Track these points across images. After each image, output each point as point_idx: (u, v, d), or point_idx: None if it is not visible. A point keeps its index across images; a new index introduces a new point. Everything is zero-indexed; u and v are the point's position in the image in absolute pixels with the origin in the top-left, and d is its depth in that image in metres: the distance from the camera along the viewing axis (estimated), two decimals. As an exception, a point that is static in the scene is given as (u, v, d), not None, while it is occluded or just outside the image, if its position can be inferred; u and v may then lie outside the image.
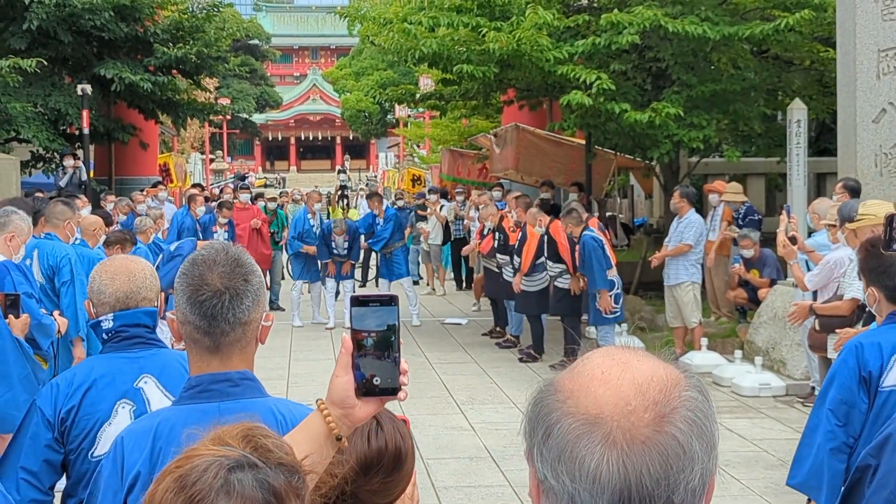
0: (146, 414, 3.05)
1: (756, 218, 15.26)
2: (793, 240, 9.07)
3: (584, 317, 14.41)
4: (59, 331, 7.71)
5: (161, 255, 13.77)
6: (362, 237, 18.27)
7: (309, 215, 18.25)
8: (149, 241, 13.47)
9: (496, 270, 15.81)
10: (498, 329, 16.27)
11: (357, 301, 2.11)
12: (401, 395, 2.15)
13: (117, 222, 15.00)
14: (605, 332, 13.41)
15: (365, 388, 2.12)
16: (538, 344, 14.44)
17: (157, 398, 3.75)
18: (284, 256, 20.84)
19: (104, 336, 3.89)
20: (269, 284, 19.30)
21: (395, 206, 19.39)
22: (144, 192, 18.78)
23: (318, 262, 17.74)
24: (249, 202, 19.71)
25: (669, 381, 1.51)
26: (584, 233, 13.16)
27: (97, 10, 21.13)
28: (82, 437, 3.74)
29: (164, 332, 7.04)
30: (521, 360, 14.28)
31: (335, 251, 17.47)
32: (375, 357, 2.11)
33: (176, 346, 4.02)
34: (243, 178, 42.24)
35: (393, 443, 2.49)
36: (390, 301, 2.12)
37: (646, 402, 1.47)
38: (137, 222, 13.81)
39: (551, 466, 1.49)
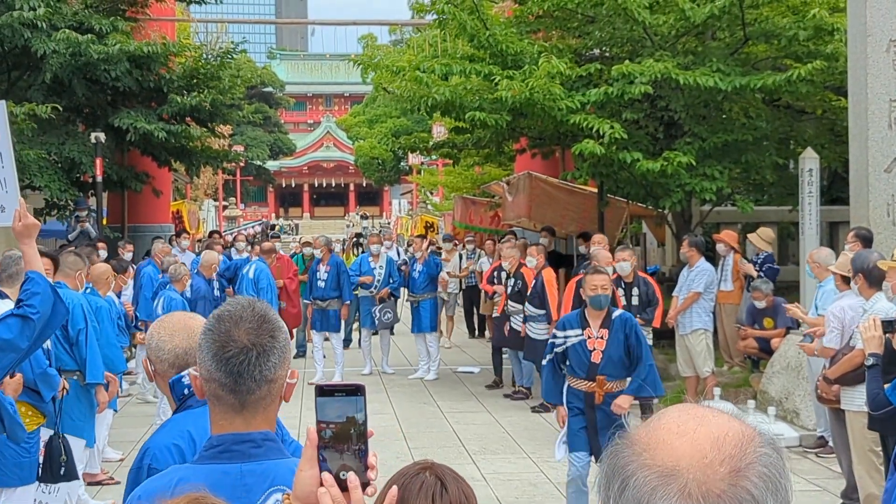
0: (163, 471, 2.99)
1: (774, 267, 15.19)
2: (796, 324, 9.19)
3: None
4: (63, 388, 7.66)
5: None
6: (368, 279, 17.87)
7: (371, 259, 17.90)
8: (184, 288, 13.52)
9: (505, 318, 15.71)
10: (498, 380, 16.10)
11: (321, 391, 2.03)
12: (368, 490, 2.04)
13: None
14: None
15: None
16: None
17: None
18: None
19: (184, 392, 3.78)
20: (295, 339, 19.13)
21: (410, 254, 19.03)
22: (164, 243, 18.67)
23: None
24: (279, 252, 19.45)
25: (745, 437, 1.52)
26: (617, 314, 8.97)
27: (113, 60, 21.24)
28: None
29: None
30: (533, 409, 14.19)
31: (318, 283, 16.97)
32: (336, 450, 2.02)
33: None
34: (272, 227, 42.17)
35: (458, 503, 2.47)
36: (356, 391, 2.03)
37: (721, 456, 1.48)
38: (172, 270, 13.79)
39: None
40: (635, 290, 12.89)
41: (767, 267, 14.93)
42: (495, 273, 16.57)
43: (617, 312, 8.81)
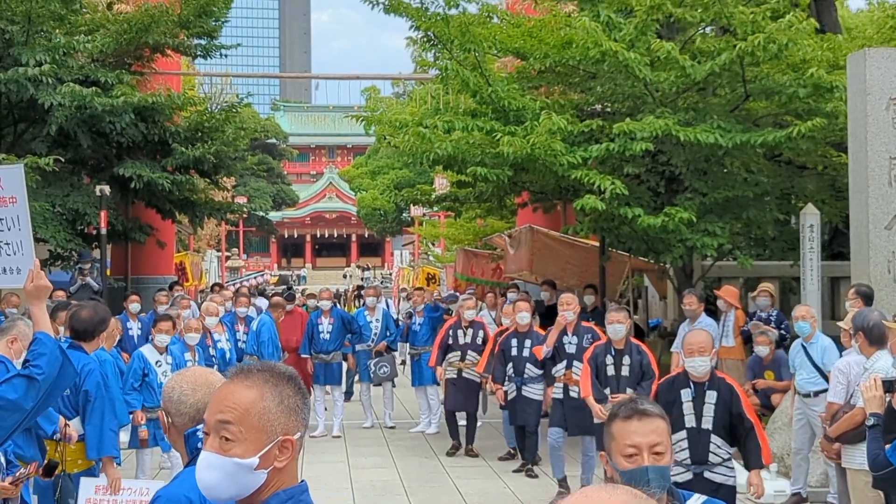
0: None
1: (785, 324, 15.00)
2: None
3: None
4: (64, 426, 7.64)
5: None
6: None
7: (367, 312, 18.00)
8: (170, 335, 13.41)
9: (471, 378, 15.34)
10: (457, 445, 15.21)
11: None
12: None
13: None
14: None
15: None
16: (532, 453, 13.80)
17: None
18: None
19: (198, 445, 3.81)
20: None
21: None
22: (166, 294, 18.63)
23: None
24: (294, 307, 19.34)
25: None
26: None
27: (118, 112, 21.37)
28: None
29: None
30: (514, 470, 13.80)
31: (322, 336, 16.95)
32: None
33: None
34: (290, 287, 42.14)
35: None
36: None
37: None
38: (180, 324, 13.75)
39: None
40: (626, 359, 11.20)
41: (785, 325, 14.74)
42: (450, 332, 15.58)
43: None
